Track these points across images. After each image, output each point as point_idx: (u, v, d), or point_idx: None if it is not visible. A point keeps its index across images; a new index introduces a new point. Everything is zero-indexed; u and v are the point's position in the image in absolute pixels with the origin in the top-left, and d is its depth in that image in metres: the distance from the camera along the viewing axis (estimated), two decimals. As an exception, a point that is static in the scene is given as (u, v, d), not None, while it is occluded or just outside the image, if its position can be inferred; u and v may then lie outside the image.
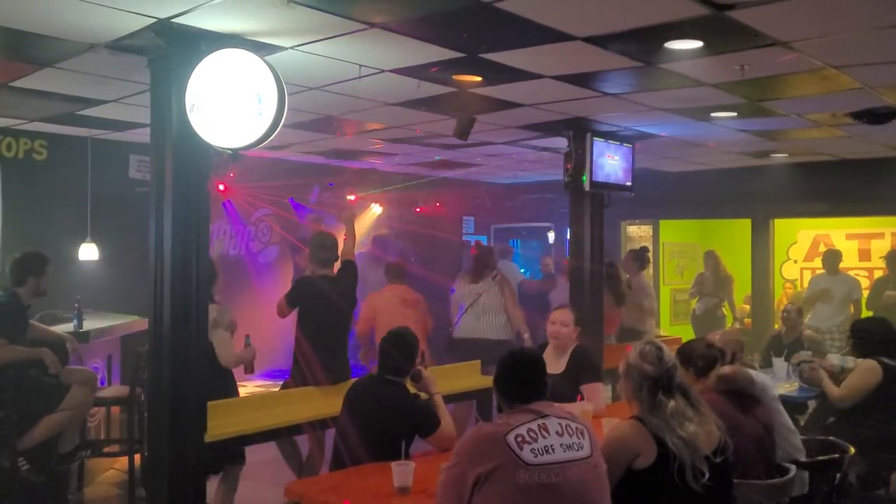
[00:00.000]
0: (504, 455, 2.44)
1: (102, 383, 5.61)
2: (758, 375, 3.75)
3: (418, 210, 10.79)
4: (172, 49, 3.71)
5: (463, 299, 6.69)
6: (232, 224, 8.82)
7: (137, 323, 5.80)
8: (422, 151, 7.98)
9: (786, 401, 4.93)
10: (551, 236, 11.42)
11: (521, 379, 2.69)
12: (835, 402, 4.89)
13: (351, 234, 5.29)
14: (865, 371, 4.72)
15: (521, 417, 2.55)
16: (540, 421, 2.54)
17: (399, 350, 3.59)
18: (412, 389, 3.69)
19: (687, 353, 3.49)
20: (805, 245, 10.29)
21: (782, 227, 9.72)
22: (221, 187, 7.87)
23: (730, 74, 4.37)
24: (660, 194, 9.11)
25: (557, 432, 2.52)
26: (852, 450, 3.79)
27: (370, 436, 3.39)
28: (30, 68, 4.46)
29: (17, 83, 4.82)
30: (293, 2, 3.22)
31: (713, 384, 3.43)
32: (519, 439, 2.46)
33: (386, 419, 3.39)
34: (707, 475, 2.64)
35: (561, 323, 4.40)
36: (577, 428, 2.58)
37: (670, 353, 2.90)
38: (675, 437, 2.66)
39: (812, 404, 5.50)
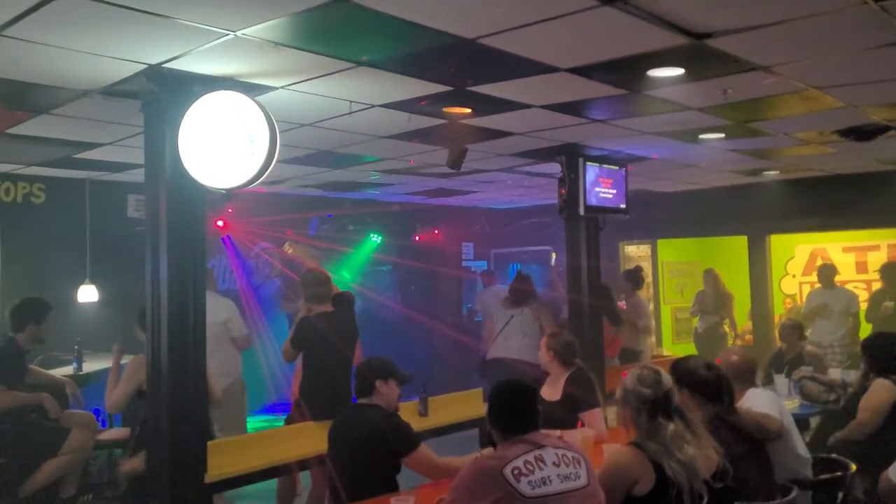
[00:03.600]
0: (501, 489, 2.44)
1: (104, 425, 5.60)
2: (774, 412, 3.59)
3: (417, 238, 10.84)
4: (164, 93, 3.77)
5: (497, 322, 6.76)
6: (231, 258, 8.85)
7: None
8: (418, 181, 8.04)
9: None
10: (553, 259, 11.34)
11: (515, 410, 2.69)
12: (859, 430, 4.61)
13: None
14: (881, 390, 4.59)
15: (518, 449, 2.56)
16: (536, 452, 2.54)
17: (358, 375, 3.62)
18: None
19: (689, 379, 3.36)
20: (803, 259, 10.30)
21: (779, 242, 9.74)
22: (220, 223, 7.92)
23: (714, 98, 4.42)
24: (656, 214, 9.16)
25: (554, 462, 2.53)
26: (853, 467, 3.78)
27: (355, 461, 3.40)
28: (26, 115, 4.53)
29: (13, 130, 4.88)
30: (281, 45, 3.29)
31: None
32: (516, 472, 2.47)
33: (365, 439, 3.40)
34: (705, 499, 2.64)
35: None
36: (573, 457, 2.58)
37: (667, 377, 2.90)
38: (674, 461, 2.66)
39: (814, 421, 5.46)
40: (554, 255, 8.86)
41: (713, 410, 3.29)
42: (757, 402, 3.67)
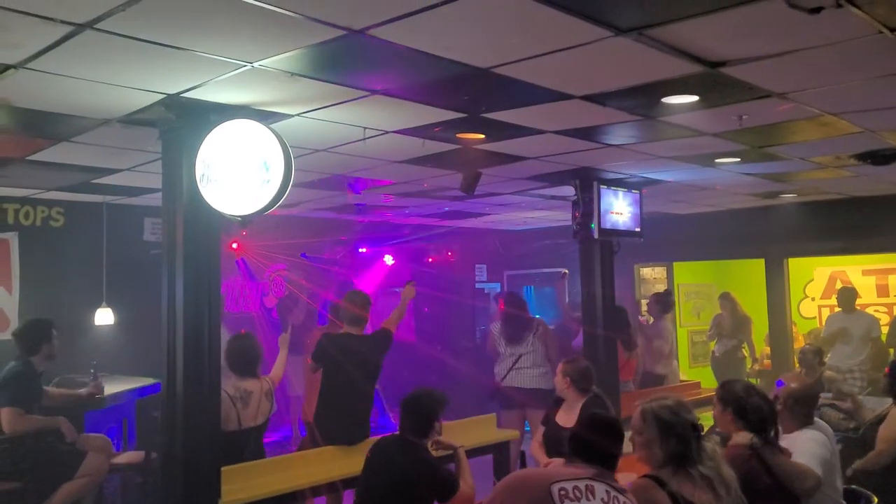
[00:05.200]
0: (542, 501, 2.43)
1: (118, 448, 5.62)
2: (815, 463, 3.37)
3: (430, 260, 10.83)
4: (182, 121, 3.83)
5: (502, 358, 6.57)
6: (245, 280, 8.89)
7: (153, 386, 5.84)
8: (431, 203, 8.07)
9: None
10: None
11: (590, 442, 2.72)
12: (878, 461, 4.55)
13: (402, 307, 5.30)
14: None
15: (572, 472, 2.57)
16: (588, 482, 2.53)
17: (420, 412, 3.62)
18: (435, 453, 3.71)
19: (738, 402, 3.29)
20: (822, 282, 10.19)
21: (798, 264, 9.64)
22: (234, 245, 7.98)
23: (729, 124, 4.41)
24: (671, 237, 9.11)
25: (603, 499, 2.51)
26: (875, 500, 3.71)
27: (391, 499, 3.43)
28: (46, 143, 4.60)
29: (34, 157, 4.96)
30: (297, 75, 3.33)
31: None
32: (562, 493, 2.47)
33: (406, 484, 3.43)
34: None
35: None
36: (624, 502, 2.56)
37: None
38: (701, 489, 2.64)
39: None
40: (566, 272, 8.64)
41: (752, 440, 3.20)
42: (802, 448, 3.43)
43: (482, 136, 4.70)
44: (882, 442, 4.56)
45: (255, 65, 3.17)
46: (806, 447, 3.45)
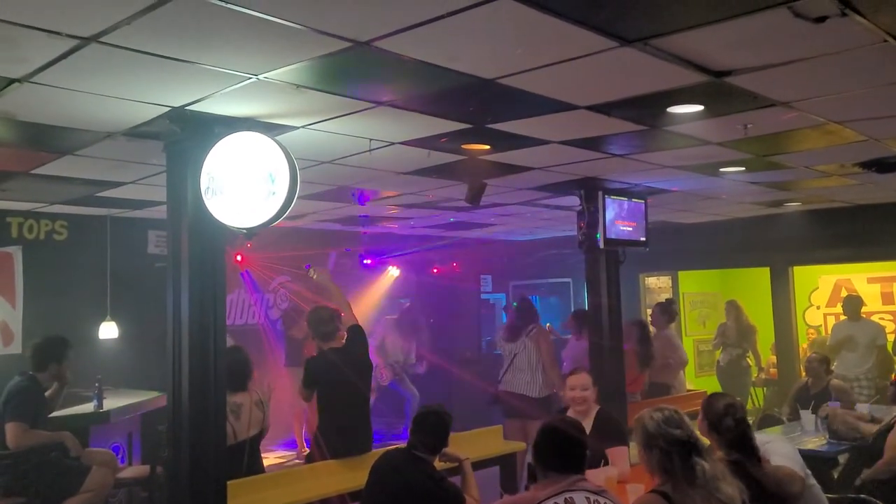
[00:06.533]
0: None
1: (123, 462, 5.59)
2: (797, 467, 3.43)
3: (435, 271, 10.82)
4: (187, 134, 3.82)
5: (504, 356, 6.80)
6: (250, 293, 8.88)
7: (158, 399, 5.81)
8: (436, 215, 8.07)
9: (815, 455, 4.78)
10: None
11: (557, 449, 2.69)
12: (887, 469, 4.51)
13: (336, 293, 5.10)
14: None
15: (549, 490, 2.54)
16: (567, 495, 2.52)
17: (433, 428, 3.59)
18: (439, 465, 3.68)
19: (714, 419, 3.30)
20: (827, 290, 10.16)
21: (803, 273, 9.61)
22: (239, 257, 7.97)
23: (734, 133, 4.41)
24: (677, 246, 9.10)
25: None
26: (884, 508, 3.68)
27: None
28: (51, 157, 4.60)
29: (38, 170, 4.96)
30: (303, 87, 3.33)
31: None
32: None
33: (412, 498, 3.39)
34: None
35: (581, 388, 4.42)
36: (605, 503, 2.54)
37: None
38: (715, 502, 2.60)
39: (842, 458, 5.33)
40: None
41: (734, 455, 3.19)
42: (780, 450, 3.46)
43: (487, 146, 4.70)
44: (889, 449, 4.52)
45: (261, 77, 3.17)
46: (783, 450, 3.48)
